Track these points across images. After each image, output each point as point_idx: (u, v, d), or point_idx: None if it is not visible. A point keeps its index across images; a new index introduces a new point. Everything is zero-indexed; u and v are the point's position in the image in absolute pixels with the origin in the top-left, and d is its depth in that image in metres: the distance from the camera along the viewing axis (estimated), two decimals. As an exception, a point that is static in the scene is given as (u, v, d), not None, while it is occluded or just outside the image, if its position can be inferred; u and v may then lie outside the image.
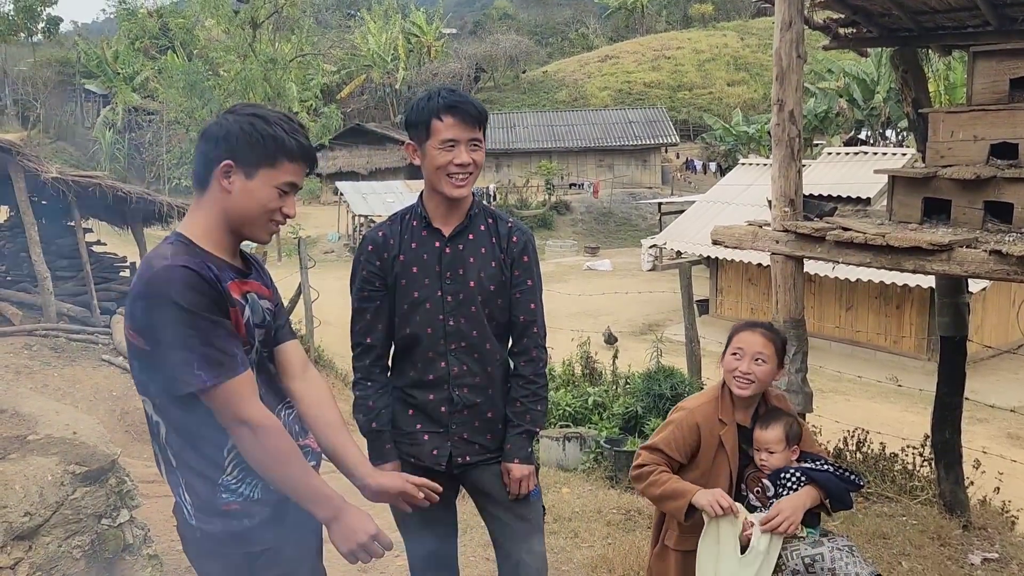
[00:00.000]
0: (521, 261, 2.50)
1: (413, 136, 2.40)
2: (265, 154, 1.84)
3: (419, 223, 2.46)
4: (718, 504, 2.50)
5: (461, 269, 2.44)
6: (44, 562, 2.88)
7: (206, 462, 1.82)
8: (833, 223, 3.75)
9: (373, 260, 2.45)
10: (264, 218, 1.88)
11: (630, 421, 6.82)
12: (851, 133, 31.21)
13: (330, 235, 31.42)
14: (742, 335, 2.66)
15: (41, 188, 8.82)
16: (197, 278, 1.74)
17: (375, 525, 1.86)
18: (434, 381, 2.47)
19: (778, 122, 3.92)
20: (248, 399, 1.77)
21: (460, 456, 2.50)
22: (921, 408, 10.76)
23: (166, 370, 1.75)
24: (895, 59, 4.55)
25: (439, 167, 2.34)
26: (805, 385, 3.99)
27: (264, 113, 1.88)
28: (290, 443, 1.82)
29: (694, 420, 2.67)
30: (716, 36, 51.90)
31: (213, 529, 1.83)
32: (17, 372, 6.80)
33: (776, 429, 2.64)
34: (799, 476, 2.61)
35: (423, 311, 2.43)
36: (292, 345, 2.10)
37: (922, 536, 4.43)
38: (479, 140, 2.39)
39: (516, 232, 2.51)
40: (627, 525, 4.64)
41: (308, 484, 1.83)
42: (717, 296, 18.05)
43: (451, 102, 2.33)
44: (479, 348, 2.47)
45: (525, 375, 2.54)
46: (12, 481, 2.87)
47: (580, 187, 36.06)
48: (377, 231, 2.49)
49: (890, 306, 14.88)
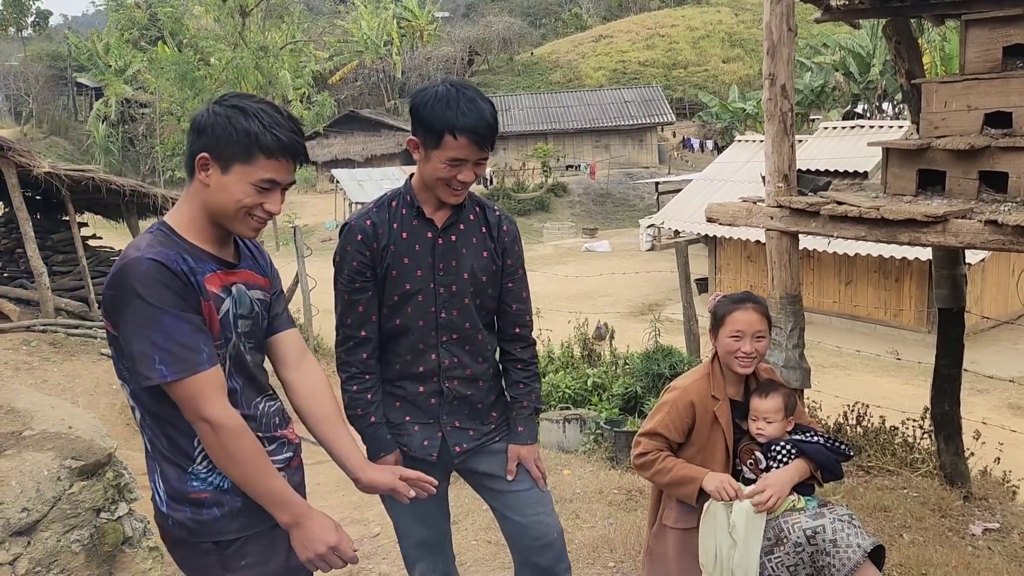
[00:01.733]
0: (513, 250, 2.49)
1: (420, 134, 2.27)
2: (239, 149, 1.77)
3: (409, 211, 2.38)
4: (725, 490, 2.56)
5: (454, 260, 2.40)
6: (43, 557, 2.89)
7: (176, 450, 1.81)
8: (827, 197, 3.72)
9: (363, 250, 2.36)
10: (240, 214, 1.82)
11: (630, 401, 6.83)
12: (848, 107, 31.06)
13: (327, 223, 31.38)
14: (737, 315, 2.67)
15: (35, 183, 8.79)
16: (164, 271, 1.71)
17: (336, 536, 1.83)
18: (424, 373, 2.44)
19: (770, 96, 3.89)
20: (210, 397, 1.73)
21: (456, 445, 2.49)
22: (921, 381, 10.77)
23: (129, 361, 1.75)
24: (888, 30, 4.50)
25: (440, 178, 2.27)
26: (803, 361, 3.98)
27: (245, 105, 1.81)
28: (251, 444, 1.78)
29: (688, 398, 2.69)
30: (710, 13, 51.58)
31: (182, 517, 1.82)
32: (16, 368, 6.79)
33: (775, 399, 2.66)
34: (790, 448, 2.64)
35: (415, 303, 2.39)
36: (289, 334, 2.06)
37: (923, 508, 4.43)
38: (486, 157, 2.31)
39: (505, 221, 2.50)
40: (628, 505, 4.64)
41: (268, 487, 1.80)
42: (716, 274, 18.03)
43: (470, 124, 2.19)
44: (471, 340, 2.46)
45: (524, 359, 2.56)
46: (8, 477, 2.87)
47: (577, 168, 35.95)
48: (364, 219, 2.39)
49: (889, 280, 14.87)
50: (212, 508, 1.82)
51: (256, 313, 1.94)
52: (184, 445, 1.81)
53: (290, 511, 1.82)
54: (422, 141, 2.28)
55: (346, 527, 4.50)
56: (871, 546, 2.54)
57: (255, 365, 1.95)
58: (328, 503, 4.91)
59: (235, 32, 10.46)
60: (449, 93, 2.23)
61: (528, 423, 2.55)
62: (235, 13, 10.41)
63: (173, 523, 1.84)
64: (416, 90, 2.37)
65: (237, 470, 1.77)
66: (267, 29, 11.13)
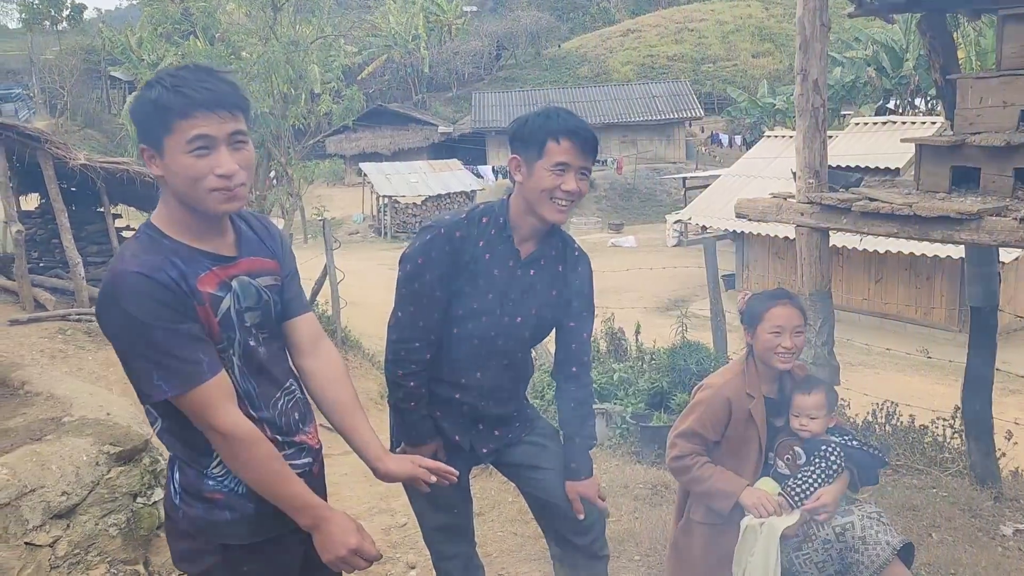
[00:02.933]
0: (582, 292, 2.49)
1: (520, 151, 2.31)
2: (157, 123, 1.65)
3: (498, 234, 2.37)
4: (764, 506, 2.57)
5: (526, 295, 2.40)
6: (81, 540, 2.96)
7: (193, 454, 1.78)
8: (859, 194, 3.70)
9: (447, 261, 2.33)
10: (199, 189, 1.68)
11: (656, 396, 6.81)
12: (879, 102, 30.62)
13: (355, 216, 31.57)
14: (776, 311, 2.68)
15: (70, 175, 8.94)
16: (150, 283, 1.63)
17: (357, 537, 1.80)
18: (464, 386, 2.45)
19: (802, 92, 3.87)
20: (216, 406, 1.68)
21: (483, 447, 2.54)
22: (952, 380, 10.63)
23: (130, 379, 1.70)
24: (922, 25, 4.45)
25: (545, 190, 2.27)
26: (832, 358, 3.97)
27: (152, 80, 1.70)
28: (264, 451, 1.73)
29: (724, 396, 2.70)
30: (740, 6, 51.04)
31: (194, 513, 1.79)
32: (52, 356, 6.93)
33: (818, 395, 2.67)
34: (838, 451, 2.63)
35: (477, 323, 2.38)
36: (304, 320, 1.98)
37: (952, 508, 4.40)
38: (589, 169, 2.33)
39: (582, 263, 2.51)
40: (654, 500, 4.65)
41: (285, 492, 1.76)
42: (743, 270, 17.91)
43: (572, 127, 2.27)
44: (518, 367, 2.51)
45: (578, 399, 2.55)
46: (49, 461, 2.95)
47: (603, 164, 35.80)
48: (454, 230, 2.34)
49: (920, 277, 14.68)
50: (224, 511, 1.79)
51: (266, 301, 1.85)
52: (200, 449, 1.77)
53: (310, 515, 1.78)
54: (523, 157, 2.30)
55: (373, 517, 4.58)
56: (900, 544, 2.53)
57: (270, 356, 1.87)
58: (355, 493, 4.97)
59: (266, 26, 10.57)
60: (547, 110, 2.34)
61: (581, 458, 2.53)
62: (267, 7, 10.52)
63: (183, 516, 1.81)
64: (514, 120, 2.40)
65: (252, 476, 1.74)
66: (298, 23, 11.23)
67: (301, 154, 12.54)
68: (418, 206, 29.78)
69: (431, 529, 2.65)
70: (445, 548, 2.66)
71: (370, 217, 31.51)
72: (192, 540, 1.82)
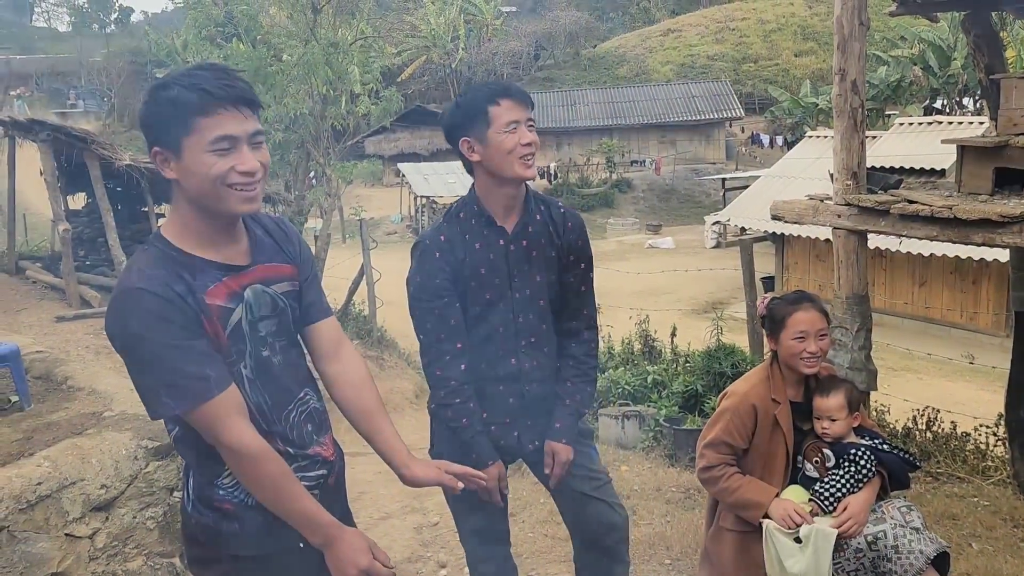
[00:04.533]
0: (577, 246, 2.51)
1: (467, 132, 2.35)
2: (176, 123, 1.61)
3: (478, 221, 2.42)
4: (792, 519, 2.52)
5: (527, 265, 2.43)
6: (120, 532, 3.04)
7: (205, 464, 1.77)
8: (898, 196, 3.64)
9: (443, 266, 2.38)
10: (220, 188, 1.64)
11: (690, 400, 6.77)
12: (926, 102, 29.99)
13: (392, 217, 31.79)
14: (798, 316, 2.65)
15: (116, 175, 9.14)
16: (157, 301, 1.60)
17: (368, 558, 1.77)
18: (504, 377, 2.47)
19: (840, 92, 3.81)
20: (224, 422, 1.66)
21: (530, 443, 2.53)
22: (997, 387, 10.36)
23: (139, 395, 1.68)
24: (966, 23, 4.36)
25: (508, 151, 2.31)
26: (869, 363, 3.90)
27: (165, 79, 1.66)
28: (274, 468, 1.71)
29: (750, 403, 2.67)
30: (783, 5, 50.36)
31: (205, 522, 1.78)
32: (97, 352, 7.09)
33: (837, 396, 2.63)
34: (868, 454, 2.59)
35: (496, 311, 2.42)
36: (325, 324, 1.95)
37: (994, 517, 4.29)
38: (533, 120, 2.38)
39: (570, 217, 2.52)
40: (686, 504, 4.62)
41: (295, 509, 1.74)
42: (783, 273, 17.67)
43: (503, 86, 2.35)
44: (548, 342, 2.51)
45: (576, 355, 2.56)
46: (89, 455, 3.02)
47: (642, 164, 35.61)
48: (437, 235, 2.41)
49: (966, 281, 14.35)
50: (234, 522, 1.77)
51: (282, 308, 1.81)
52: (212, 459, 1.75)
53: (320, 533, 1.76)
54: (473, 135, 2.34)
55: (405, 516, 4.62)
56: (935, 552, 2.48)
57: (286, 366, 1.83)
58: (389, 491, 5.00)
59: (307, 28, 10.67)
60: (470, 89, 2.43)
61: (566, 420, 2.52)
62: (307, 10, 10.62)
63: (196, 523, 1.80)
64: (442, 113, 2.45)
65: (262, 493, 1.72)
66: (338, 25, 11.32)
67: (340, 155, 12.66)
68: (455, 206, 29.84)
69: (467, 532, 2.66)
70: (480, 550, 2.68)
71: (408, 217, 31.71)
72: (203, 547, 1.81)
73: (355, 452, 2.74)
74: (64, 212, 9.20)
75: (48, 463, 2.90)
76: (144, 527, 3.12)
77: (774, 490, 2.62)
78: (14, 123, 9.62)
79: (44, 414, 3.47)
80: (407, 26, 45.12)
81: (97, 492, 2.98)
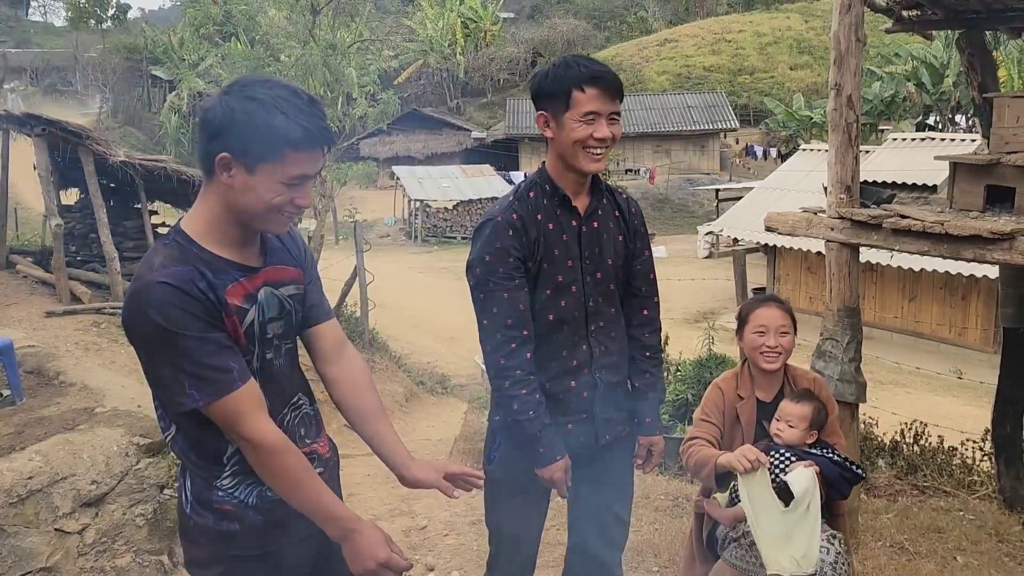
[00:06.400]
0: (640, 232, 2.50)
1: (546, 107, 2.26)
2: (265, 147, 1.61)
3: (551, 201, 2.33)
4: (744, 458, 2.45)
5: (598, 247, 2.37)
6: (109, 528, 3.03)
7: (204, 466, 1.76)
8: (890, 210, 3.67)
9: (516, 244, 2.25)
10: (271, 213, 1.68)
11: (680, 408, 6.79)
12: (919, 118, 30.21)
13: (386, 219, 31.76)
14: (760, 312, 2.74)
15: (110, 171, 9.11)
16: (180, 296, 1.60)
17: (386, 550, 1.76)
18: (577, 366, 2.38)
19: (835, 107, 3.85)
20: (246, 415, 1.66)
21: (602, 437, 2.45)
22: (984, 402, 10.42)
23: (159, 389, 1.68)
24: (961, 42, 4.41)
25: (578, 140, 2.24)
26: (859, 375, 3.93)
27: (260, 95, 1.63)
28: (294, 461, 1.71)
29: (718, 387, 2.80)
30: (779, 18, 50.68)
31: (204, 523, 1.78)
32: (86, 348, 7.06)
33: (804, 407, 2.65)
34: (789, 456, 2.59)
35: (569, 295, 2.33)
36: (327, 327, 1.96)
37: (979, 531, 4.33)
38: (618, 113, 2.30)
39: (633, 204, 2.52)
40: (674, 511, 4.64)
41: (315, 502, 1.73)
42: (775, 285, 17.74)
43: (595, 72, 2.23)
44: (615, 326, 2.45)
45: (652, 345, 2.54)
46: (80, 451, 3.02)
47: (636, 173, 35.71)
48: (510, 213, 2.29)
49: (955, 297, 14.45)
50: (233, 522, 1.77)
51: (289, 310, 1.83)
52: (211, 460, 1.75)
53: (339, 526, 1.75)
54: (550, 111, 2.26)
55: (394, 519, 4.61)
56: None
57: (285, 368, 1.85)
58: (377, 494, 5.00)
59: (305, 29, 10.70)
60: (567, 59, 2.29)
61: (654, 413, 2.53)
62: (306, 11, 10.65)
63: (194, 525, 1.80)
64: (532, 74, 2.35)
65: (280, 487, 1.72)
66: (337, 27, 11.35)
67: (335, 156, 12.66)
68: (449, 211, 29.89)
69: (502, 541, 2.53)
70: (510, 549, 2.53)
71: (401, 220, 31.69)
72: (202, 548, 1.81)
73: (344, 454, 2.73)
74: (57, 207, 9.16)
75: (39, 457, 2.90)
76: (134, 524, 3.12)
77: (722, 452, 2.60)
78: (8, 116, 9.58)
79: (36, 408, 3.47)
80: (405, 30, 45.17)
81: (88, 488, 2.98)
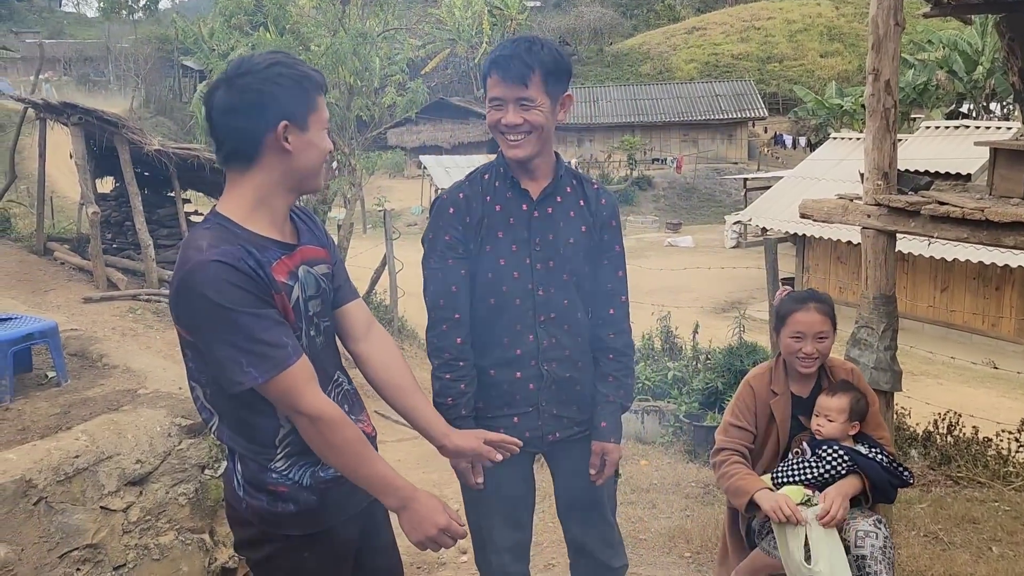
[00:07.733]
0: (609, 225, 2.36)
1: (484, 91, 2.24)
2: (306, 100, 1.73)
3: (503, 183, 2.27)
4: (780, 511, 2.44)
5: (551, 234, 2.27)
6: (153, 507, 3.10)
7: (257, 447, 1.78)
8: (928, 197, 3.63)
9: (455, 224, 2.23)
10: (322, 165, 1.79)
11: (710, 397, 6.78)
12: (952, 106, 29.69)
13: (413, 208, 31.90)
14: (798, 316, 2.65)
15: (144, 160, 9.25)
16: (233, 272, 1.63)
17: (445, 517, 1.80)
18: (521, 356, 2.29)
19: (873, 92, 3.80)
20: (303, 389, 1.68)
21: (551, 433, 2.37)
22: (1019, 393, 10.31)
23: (215, 368, 1.69)
24: (1000, 26, 4.34)
25: (491, 125, 2.21)
26: (894, 363, 3.90)
27: (279, 59, 1.75)
28: (351, 433, 1.73)
29: (748, 385, 2.75)
30: (809, 5, 49.96)
31: (258, 505, 1.80)
32: (123, 334, 7.19)
33: (842, 399, 2.62)
34: (842, 454, 2.55)
35: (510, 280, 2.25)
36: (355, 305, 1.99)
37: (1015, 522, 4.29)
38: (528, 100, 2.14)
39: (604, 195, 2.38)
40: (705, 498, 4.64)
41: (372, 473, 1.75)
42: (803, 274, 17.59)
43: (495, 57, 2.15)
44: (570, 319, 2.32)
45: (616, 348, 2.38)
46: (125, 431, 3.09)
47: (663, 162, 35.52)
48: (456, 192, 2.28)
49: (989, 287, 14.24)
50: (288, 503, 1.79)
51: (323, 289, 1.86)
52: (263, 443, 1.77)
53: (397, 496, 1.78)
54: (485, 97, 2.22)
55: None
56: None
57: (325, 346, 1.88)
58: (409, 480, 5.05)
59: (335, 18, 10.74)
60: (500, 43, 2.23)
61: (612, 419, 2.37)
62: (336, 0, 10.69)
63: (247, 507, 1.82)
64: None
65: (339, 459, 1.73)
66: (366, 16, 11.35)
67: (364, 145, 12.74)
68: (476, 199, 29.88)
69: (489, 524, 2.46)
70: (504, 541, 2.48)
71: (428, 210, 31.82)
72: (255, 529, 1.83)
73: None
74: (93, 195, 9.32)
75: (85, 437, 2.97)
76: (176, 503, 3.18)
77: (761, 481, 2.59)
78: (47, 105, 9.74)
79: (80, 390, 3.55)
80: (432, 19, 45.17)
81: (132, 467, 3.04)
